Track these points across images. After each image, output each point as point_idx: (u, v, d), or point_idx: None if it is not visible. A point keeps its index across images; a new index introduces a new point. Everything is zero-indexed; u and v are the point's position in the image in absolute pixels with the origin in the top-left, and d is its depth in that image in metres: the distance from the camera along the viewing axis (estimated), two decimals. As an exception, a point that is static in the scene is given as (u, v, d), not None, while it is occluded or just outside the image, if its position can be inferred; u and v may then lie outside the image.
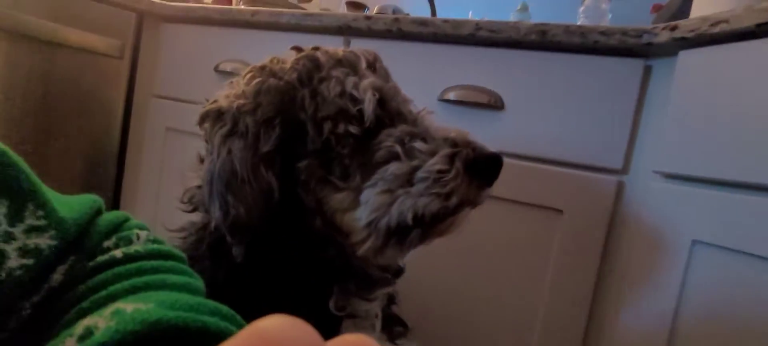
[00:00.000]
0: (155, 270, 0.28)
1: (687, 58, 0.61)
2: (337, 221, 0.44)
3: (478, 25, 0.75)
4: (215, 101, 0.46)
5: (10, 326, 0.23)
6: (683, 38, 0.59)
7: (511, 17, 1.23)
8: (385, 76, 0.49)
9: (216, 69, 0.99)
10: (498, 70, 0.77)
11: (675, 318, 0.60)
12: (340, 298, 0.47)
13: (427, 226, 0.43)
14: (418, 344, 0.61)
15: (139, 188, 1.12)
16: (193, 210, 0.47)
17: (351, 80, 0.44)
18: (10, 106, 0.93)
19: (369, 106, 0.43)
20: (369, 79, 0.44)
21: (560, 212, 0.73)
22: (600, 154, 0.71)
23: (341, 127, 0.42)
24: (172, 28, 1.06)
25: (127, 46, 1.08)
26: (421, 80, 0.81)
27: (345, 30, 0.87)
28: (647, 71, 0.69)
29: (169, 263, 0.30)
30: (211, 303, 0.27)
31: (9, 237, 0.23)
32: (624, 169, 0.71)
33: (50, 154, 1.02)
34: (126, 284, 0.26)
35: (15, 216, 0.24)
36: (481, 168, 0.41)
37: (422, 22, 0.79)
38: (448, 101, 0.79)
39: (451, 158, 0.41)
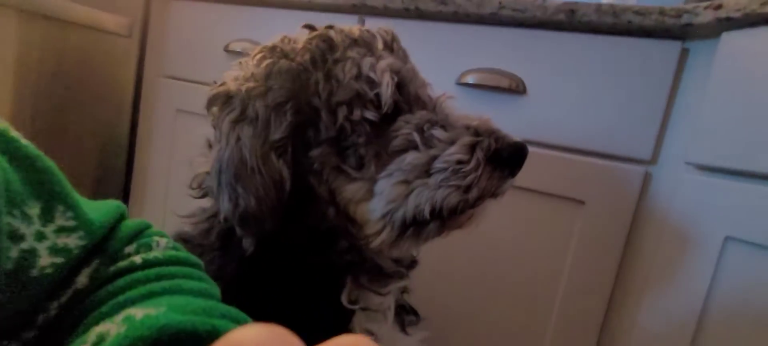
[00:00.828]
0: (172, 276, 0.29)
1: (731, 40, 0.56)
2: (350, 212, 0.42)
3: (501, 4, 0.71)
4: (223, 84, 0.44)
5: (37, 324, 0.24)
6: (728, 18, 0.54)
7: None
8: (404, 57, 0.46)
9: (226, 49, 0.96)
10: (520, 53, 0.73)
11: (701, 317, 0.57)
12: (353, 291, 0.45)
13: (444, 219, 0.41)
14: (430, 333, 0.60)
15: (149, 169, 1.11)
16: (203, 196, 0.45)
17: (368, 61, 0.40)
18: (24, 85, 0.92)
19: (387, 90, 0.39)
20: (387, 60, 0.41)
21: (582, 202, 0.70)
22: (627, 143, 0.67)
23: (357, 113, 0.40)
24: (181, 6, 1.03)
25: (136, 25, 1.05)
26: (439, 62, 0.78)
27: (359, 8, 0.83)
28: (684, 54, 0.64)
29: (186, 269, 0.31)
30: (223, 306, 0.28)
31: (41, 236, 0.24)
32: (652, 160, 0.67)
33: (63, 133, 1.01)
34: (143, 289, 0.27)
35: (46, 217, 0.25)
36: (504, 158, 0.39)
37: (442, 1, 0.75)
38: (466, 85, 0.76)
39: (472, 148, 0.39)
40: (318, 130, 0.41)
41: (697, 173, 0.61)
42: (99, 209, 0.29)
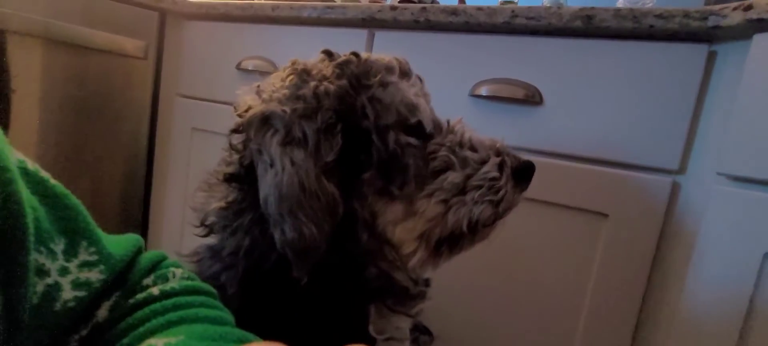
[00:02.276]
0: (189, 305, 0.30)
1: (763, 41, 0.52)
2: (388, 233, 0.43)
3: (514, 12, 0.68)
4: (249, 108, 0.42)
5: None
6: (760, 19, 0.51)
7: (545, 2, 1.14)
8: (420, 83, 0.48)
9: (238, 67, 0.97)
10: (536, 62, 0.70)
11: (739, 341, 0.53)
12: (378, 321, 0.46)
13: (477, 232, 0.44)
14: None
15: (167, 188, 1.13)
16: (208, 234, 0.43)
17: (406, 86, 0.43)
18: (48, 112, 0.95)
19: (427, 115, 0.43)
20: (417, 87, 0.45)
21: (605, 216, 0.67)
22: (652, 152, 0.64)
23: (403, 137, 0.42)
24: (194, 26, 1.05)
25: (151, 47, 1.07)
26: (451, 75, 0.76)
27: (369, 22, 0.83)
28: (711, 58, 0.61)
29: (202, 298, 0.32)
30: (238, 331, 0.29)
31: (65, 271, 0.26)
32: (680, 170, 0.63)
33: (85, 156, 1.04)
34: (162, 319, 0.28)
35: (70, 252, 0.26)
36: (520, 174, 0.44)
37: (453, 11, 0.73)
38: (479, 97, 0.73)
39: (501, 166, 0.43)
40: (369, 153, 0.41)
41: (729, 184, 0.57)
42: (118, 243, 0.30)
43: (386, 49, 0.82)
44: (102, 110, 1.04)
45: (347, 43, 0.85)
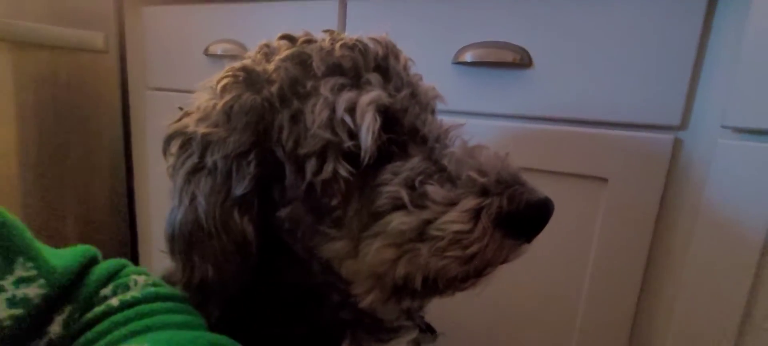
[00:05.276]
0: (154, 313, 0.29)
1: (772, -21, 0.47)
2: (335, 267, 0.36)
3: (495, -32, 0.62)
4: (186, 114, 0.38)
5: None
6: (769, -46, 0.45)
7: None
8: (403, 70, 0.38)
9: (206, 52, 0.90)
10: (523, 21, 0.65)
11: (748, 307, 0.51)
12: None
13: (442, 288, 0.34)
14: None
15: (150, 184, 1.08)
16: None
17: (344, 99, 0.32)
18: (25, 116, 0.92)
19: (368, 136, 0.31)
20: (371, 94, 0.33)
21: (604, 180, 0.63)
22: (651, 108, 0.60)
23: (328, 169, 0.32)
24: (154, 12, 0.97)
25: (112, 38, 1.00)
26: (431, 42, 0.70)
27: (340, -9, 0.76)
28: (712, 1, 0.55)
29: (168, 304, 0.31)
30: (209, 335, 0.29)
31: None
32: (682, 125, 0.59)
33: (68, 157, 1.00)
34: (124, 330, 0.27)
35: (5, 269, 0.26)
36: (517, 222, 0.31)
37: (428, -28, 0.66)
38: (464, 64, 0.68)
39: (476, 213, 0.31)
40: (284, 187, 0.34)
41: (735, 137, 0.53)
42: (64, 256, 0.29)
43: (360, 17, 0.76)
44: (76, 109, 1.00)
45: (318, 17, 0.79)
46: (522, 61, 0.65)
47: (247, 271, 0.34)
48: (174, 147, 0.36)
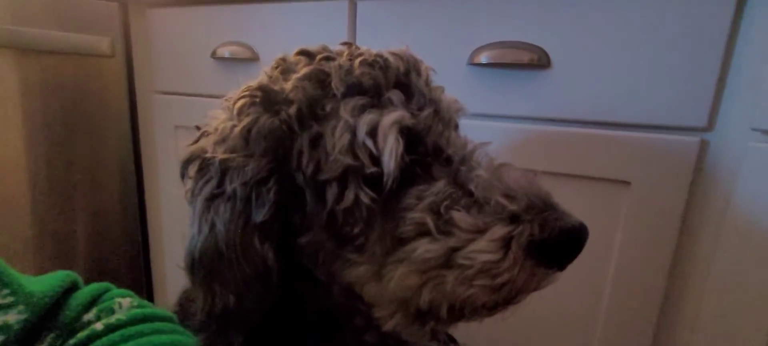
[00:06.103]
0: (140, 334, 0.29)
1: (810, -25, 0.45)
2: (357, 290, 0.35)
3: (512, -35, 0.60)
4: (203, 134, 0.37)
5: None
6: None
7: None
8: (425, 84, 0.36)
9: (213, 55, 0.89)
10: (541, 19, 0.62)
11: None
12: None
13: (468, 315, 0.33)
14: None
15: (160, 188, 1.08)
16: None
17: (365, 121, 0.31)
18: (32, 124, 0.91)
19: (391, 160, 0.30)
20: (393, 114, 0.31)
21: (627, 183, 0.61)
22: (676, 110, 0.58)
23: (350, 196, 0.31)
24: (159, 15, 0.95)
25: (118, 42, 0.99)
26: (445, 43, 0.68)
27: (349, -9, 0.74)
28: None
29: (155, 325, 0.31)
30: None
31: None
32: (708, 126, 0.57)
33: (76, 163, 1.00)
34: None
35: None
36: (551, 250, 0.30)
37: (442, -29, 0.64)
38: (479, 65, 0.66)
39: (506, 242, 0.30)
40: (304, 214, 0.33)
41: (766, 140, 0.51)
42: (41, 282, 0.29)
43: (370, 17, 0.74)
44: (84, 115, 0.99)
45: (327, 18, 0.77)
46: (540, 61, 0.63)
47: (269, 297, 0.33)
48: (192, 170, 0.35)
